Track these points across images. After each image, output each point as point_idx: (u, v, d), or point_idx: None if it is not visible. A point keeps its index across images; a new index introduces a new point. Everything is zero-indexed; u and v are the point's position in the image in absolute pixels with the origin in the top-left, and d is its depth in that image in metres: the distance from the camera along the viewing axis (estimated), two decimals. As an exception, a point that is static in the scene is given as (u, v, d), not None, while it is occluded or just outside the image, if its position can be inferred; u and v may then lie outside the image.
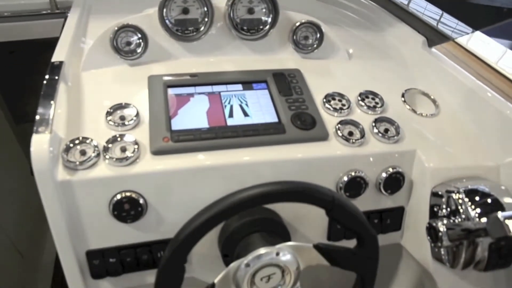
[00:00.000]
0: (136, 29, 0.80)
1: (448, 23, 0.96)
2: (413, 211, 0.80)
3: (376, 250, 0.62)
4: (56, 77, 0.73)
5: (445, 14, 0.98)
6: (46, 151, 0.60)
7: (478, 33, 1.00)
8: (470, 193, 0.71)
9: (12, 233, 1.65)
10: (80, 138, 0.66)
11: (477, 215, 0.68)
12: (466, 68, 0.90)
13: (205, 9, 0.83)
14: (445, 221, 0.70)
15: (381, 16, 1.06)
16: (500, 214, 0.58)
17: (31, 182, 1.62)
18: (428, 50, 0.95)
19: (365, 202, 0.76)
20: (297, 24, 0.89)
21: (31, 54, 2.47)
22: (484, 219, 0.66)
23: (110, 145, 0.65)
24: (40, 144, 0.60)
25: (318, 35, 0.91)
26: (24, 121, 2.22)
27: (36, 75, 2.33)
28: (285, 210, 0.73)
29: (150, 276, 0.73)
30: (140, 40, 0.82)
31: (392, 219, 0.81)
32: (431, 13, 0.99)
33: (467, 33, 0.93)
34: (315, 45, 0.91)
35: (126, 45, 0.81)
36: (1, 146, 1.74)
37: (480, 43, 0.99)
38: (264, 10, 0.87)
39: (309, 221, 0.76)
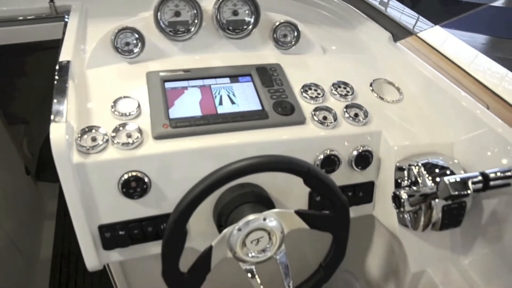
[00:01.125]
0: (134, 31, 0.91)
1: (412, 19, 1.09)
2: (382, 185, 0.93)
3: (347, 213, 0.74)
4: (65, 75, 0.83)
5: (409, 11, 1.12)
6: (63, 138, 0.70)
7: (438, 28, 1.14)
8: (428, 166, 0.84)
9: (10, 230, 1.73)
10: (90, 127, 0.76)
11: (432, 183, 0.81)
12: (426, 60, 1.03)
13: (195, 11, 0.94)
14: (406, 190, 0.83)
15: (352, 14, 1.19)
16: (446, 178, 0.72)
17: (27, 181, 1.74)
18: (394, 44, 1.09)
19: (340, 177, 0.88)
20: (277, 23, 1.01)
21: (19, 57, 2.54)
22: (436, 185, 0.79)
23: (117, 132, 0.76)
24: (57, 132, 0.70)
25: (296, 33, 1.03)
26: (16, 122, 2.29)
27: (24, 78, 2.39)
28: (270, 185, 0.84)
29: (154, 247, 0.84)
30: (138, 41, 0.92)
31: (364, 192, 0.94)
32: (396, 11, 1.12)
33: (428, 28, 1.06)
34: (293, 42, 1.03)
35: (125, 45, 0.92)
36: None
37: (439, 37, 1.13)
38: (247, 11, 0.98)
39: (291, 195, 0.88)
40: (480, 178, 0.72)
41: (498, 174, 0.73)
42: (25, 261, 1.85)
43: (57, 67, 0.86)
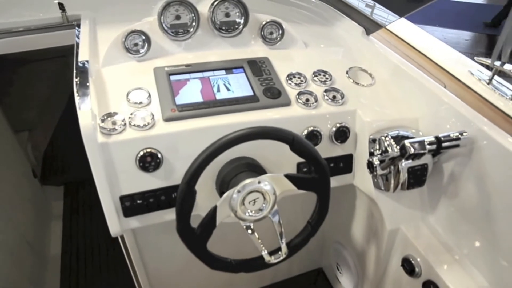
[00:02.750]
0: (141, 33, 1.08)
1: (382, 14, 1.27)
2: (359, 156, 1.10)
3: (327, 174, 0.91)
4: (85, 72, 0.99)
5: (380, 6, 1.29)
6: (90, 123, 0.86)
7: (405, 21, 1.32)
8: (396, 137, 1.01)
9: (21, 227, 1.87)
10: (110, 113, 0.93)
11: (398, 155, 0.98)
12: (395, 50, 1.21)
13: (193, 15, 1.11)
14: (378, 156, 1.00)
15: (329, 12, 1.37)
16: (406, 141, 0.89)
17: (35, 184, 1.93)
18: (366, 37, 1.26)
19: (322, 150, 1.04)
20: (264, 23, 1.18)
21: (22, 67, 2.69)
22: (401, 151, 0.96)
23: (132, 117, 0.92)
24: (85, 118, 0.86)
25: (280, 31, 1.20)
26: (20, 129, 2.44)
27: (26, 86, 2.55)
28: (263, 157, 1.00)
29: (166, 215, 1.00)
30: (144, 42, 1.09)
31: (344, 163, 1.11)
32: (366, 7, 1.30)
33: (395, 20, 1.24)
34: (278, 38, 1.20)
35: (134, 45, 1.09)
36: (6, 153, 1.95)
37: (407, 29, 1.31)
38: (237, 13, 1.16)
39: (282, 167, 1.04)
40: (434, 140, 0.89)
41: (448, 137, 0.90)
42: (37, 258, 1.99)
43: (75, 66, 1.02)
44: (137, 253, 1.22)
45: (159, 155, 0.92)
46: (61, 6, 1.26)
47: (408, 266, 1.06)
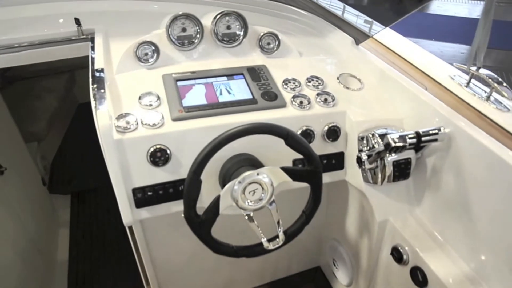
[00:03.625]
0: (151, 44, 1.21)
1: (368, 26, 1.40)
2: (350, 154, 1.21)
3: (319, 166, 1.01)
4: (101, 78, 1.11)
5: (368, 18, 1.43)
6: (107, 122, 0.98)
7: (391, 31, 1.45)
8: (382, 135, 1.12)
9: (32, 232, 1.97)
10: (124, 114, 1.04)
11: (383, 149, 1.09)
12: (381, 57, 1.33)
13: (197, 28, 1.24)
14: (366, 152, 1.11)
15: (322, 25, 1.50)
16: (389, 135, 1.00)
17: (44, 191, 2.07)
18: (356, 47, 1.39)
19: (316, 148, 1.15)
20: (261, 34, 1.31)
21: (31, 83, 2.83)
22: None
23: (144, 117, 1.04)
24: (103, 117, 0.98)
25: (277, 42, 1.33)
26: (32, 140, 2.56)
27: (36, 100, 2.68)
28: (261, 154, 1.11)
29: (174, 206, 1.10)
30: (154, 51, 1.22)
31: (336, 160, 1.21)
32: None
33: (381, 30, 1.37)
34: (275, 48, 1.33)
35: (144, 55, 1.21)
36: (19, 162, 2.06)
37: (393, 39, 1.43)
38: (238, 26, 1.29)
39: (278, 162, 1.14)
40: (414, 134, 1.01)
41: (427, 132, 1.02)
42: (46, 263, 2.08)
43: (91, 74, 1.14)
44: (145, 246, 1.32)
45: (168, 151, 1.04)
46: (77, 21, 1.39)
47: (397, 254, 1.16)
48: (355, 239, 1.39)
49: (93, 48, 1.33)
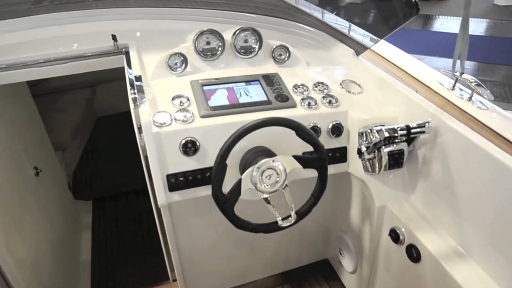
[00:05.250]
0: (180, 55, 1.44)
1: (367, 39, 1.63)
2: (352, 148, 1.41)
3: (324, 154, 1.22)
4: (140, 83, 1.34)
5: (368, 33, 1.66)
6: (148, 118, 1.20)
7: (386, 43, 1.67)
8: (379, 130, 1.33)
9: (61, 232, 2.17)
10: (160, 111, 1.27)
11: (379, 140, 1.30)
12: (379, 66, 1.55)
13: (220, 42, 1.48)
14: (365, 144, 1.32)
15: (326, 39, 1.74)
16: (383, 127, 1.21)
17: (69, 195, 2.34)
18: (356, 57, 1.62)
19: (322, 143, 1.36)
20: (274, 46, 1.55)
21: (55, 97, 3.10)
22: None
23: (177, 114, 1.26)
24: (144, 114, 1.20)
25: (288, 53, 1.56)
26: (57, 149, 2.80)
27: (59, 113, 2.95)
28: (275, 146, 1.32)
29: (201, 191, 1.31)
30: (183, 61, 1.45)
31: (340, 154, 1.42)
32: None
33: (377, 42, 1.59)
34: (286, 59, 1.56)
35: (174, 64, 1.45)
36: (50, 168, 2.29)
37: (389, 50, 1.66)
38: (254, 40, 1.52)
39: (290, 153, 1.35)
40: (404, 127, 1.21)
41: (416, 125, 1.22)
42: (71, 261, 2.28)
43: (128, 80, 1.37)
44: (172, 232, 1.52)
45: (197, 143, 1.25)
46: (113, 37, 1.64)
47: (394, 235, 1.35)
48: (358, 226, 1.57)
49: (128, 60, 1.57)
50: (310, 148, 1.23)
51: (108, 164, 3.20)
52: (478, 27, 6.79)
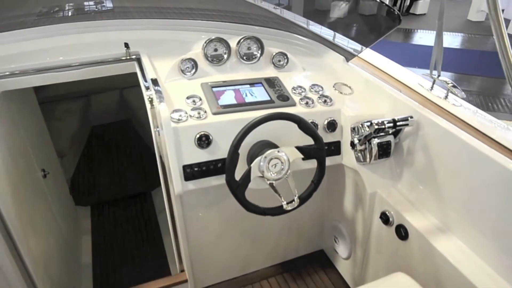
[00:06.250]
0: (191, 60, 1.63)
1: (354, 46, 1.86)
2: (345, 142, 1.61)
3: (323, 145, 1.41)
4: (156, 84, 1.52)
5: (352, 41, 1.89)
6: (167, 114, 1.38)
7: (372, 51, 1.90)
8: (369, 124, 1.53)
9: (65, 235, 2.29)
10: (177, 109, 1.44)
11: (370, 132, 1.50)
12: (366, 70, 1.77)
13: (226, 49, 1.68)
14: (357, 137, 1.52)
15: (319, 47, 1.96)
16: (373, 120, 1.41)
17: (71, 200, 2.53)
18: (346, 63, 1.84)
19: (319, 137, 1.56)
20: (274, 53, 1.75)
21: (52, 105, 3.25)
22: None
23: (192, 112, 1.44)
24: (164, 111, 1.38)
25: (286, 59, 1.77)
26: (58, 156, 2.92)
27: (56, 121, 3.10)
28: (279, 140, 1.51)
29: (213, 181, 1.48)
30: (193, 66, 1.64)
31: (335, 147, 1.62)
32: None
33: (363, 50, 1.81)
34: (284, 64, 1.77)
35: (186, 68, 1.63)
36: (54, 171, 2.41)
37: (375, 58, 1.89)
38: (256, 47, 1.72)
39: (289, 143, 1.54)
40: (391, 120, 1.42)
41: (401, 118, 1.44)
42: (74, 262, 2.39)
43: (143, 83, 1.55)
44: (182, 222, 1.68)
45: (210, 137, 1.43)
46: (126, 45, 1.82)
47: (384, 217, 1.54)
48: (352, 214, 1.77)
49: (140, 66, 1.75)
50: (307, 142, 1.43)
51: (104, 171, 3.32)
52: (454, 40, 7.23)
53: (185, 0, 2.63)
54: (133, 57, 1.85)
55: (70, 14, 2.34)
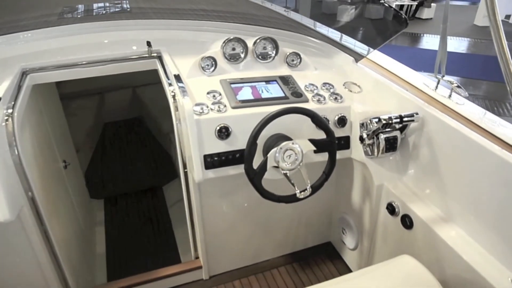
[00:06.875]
0: (211, 58, 1.76)
1: (362, 47, 1.98)
2: (354, 137, 1.74)
3: (334, 138, 1.54)
4: (179, 80, 1.65)
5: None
6: (191, 107, 1.51)
7: (380, 53, 2.03)
8: (378, 121, 1.66)
9: (82, 225, 2.42)
10: (199, 103, 1.57)
11: (378, 127, 1.63)
12: (374, 70, 1.90)
13: (243, 48, 1.81)
14: (365, 132, 1.65)
15: (330, 49, 2.09)
16: (381, 116, 1.54)
17: (86, 192, 2.71)
18: (355, 64, 1.96)
19: (330, 132, 1.69)
20: (288, 53, 1.88)
21: (67, 102, 3.39)
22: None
23: (212, 105, 1.57)
24: (187, 104, 1.51)
25: (299, 59, 1.90)
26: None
27: (72, 117, 3.24)
28: (293, 133, 1.63)
29: (231, 170, 1.60)
30: (212, 64, 1.77)
31: (344, 142, 1.74)
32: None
33: (371, 51, 1.94)
34: (298, 64, 1.90)
35: (206, 66, 1.77)
36: (73, 163, 2.55)
37: (382, 59, 2.01)
38: (271, 47, 1.86)
39: (302, 137, 1.66)
40: (398, 116, 1.55)
41: (407, 114, 1.56)
42: (89, 251, 2.52)
43: (165, 79, 1.68)
44: (200, 211, 1.80)
45: (230, 129, 1.56)
46: (148, 43, 1.96)
47: (391, 208, 1.66)
48: (359, 206, 1.89)
49: (162, 63, 1.88)
50: (318, 137, 1.55)
51: (117, 166, 3.46)
52: (460, 45, 7.35)
53: (199, 1, 2.78)
54: (154, 55, 1.98)
55: (93, 14, 2.49)
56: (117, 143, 3.78)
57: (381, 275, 1.25)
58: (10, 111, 1.48)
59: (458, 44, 7.35)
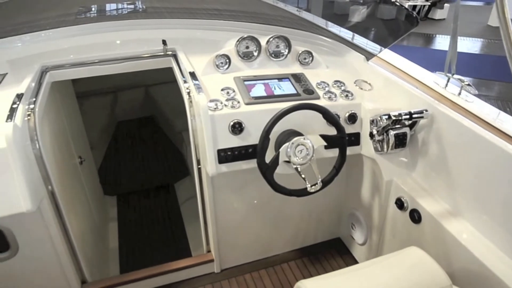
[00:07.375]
0: (225, 56, 1.83)
1: (374, 46, 2.04)
2: (364, 134, 1.79)
3: (344, 133, 1.60)
4: (194, 77, 1.72)
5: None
6: (205, 103, 1.58)
7: (390, 52, 2.08)
8: (388, 117, 1.71)
9: (97, 221, 2.50)
10: (213, 99, 1.64)
11: (387, 123, 1.68)
12: (385, 68, 1.95)
13: (256, 47, 1.88)
14: (375, 128, 1.70)
15: (341, 47, 2.15)
16: (390, 113, 1.59)
17: (101, 189, 2.83)
18: (366, 62, 2.02)
19: (340, 128, 1.74)
20: (300, 52, 1.94)
21: (80, 101, 3.50)
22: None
23: (226, 102, 1.64)
24: (202, 100, 1.58)
25: (311, 57, 1.96)
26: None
27: (84, 116, 3.32)
28: (304, 129, 1.69)
29: (244, 164, 1.67)
30: (227, 61, 1.84)
31: (354, 138, 1.80)
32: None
33: (383, 50, 1.99)
34: (309, 62, 1.96)
35: (220, 63, 1.84)
36: (88, 159, 2.64)
37: (392, 58, 2.06)
38: (284, 46, 1.92)
39: (312, 133, 1.72)
40: (407, 112, 1.60)
41: (416, 111, 1.61)
42: (103, 246, 2.60)
43: (180, 77, 1.76)
44: (212, 205, 1.87)
45: (243, 124, 1.62)
46: (164, 42, 2.04)
47: (400, 203, 1.71)
48: (369, 201, 1.94)
49: (177, 61, 1.96)
50: (328, 133, 1.61)
51: (129, 164, 3.55)
52: (473, 45, 7.33)
53: (213, 1, 2.86)
54: (170, 53, 2.06)
55: (108, 14, 2.58)
56: (130, 141, 3.88)
57: (389, 265, 1.30)
58: (32, 106, 1.57)
59: (471, 45, 7.34)
